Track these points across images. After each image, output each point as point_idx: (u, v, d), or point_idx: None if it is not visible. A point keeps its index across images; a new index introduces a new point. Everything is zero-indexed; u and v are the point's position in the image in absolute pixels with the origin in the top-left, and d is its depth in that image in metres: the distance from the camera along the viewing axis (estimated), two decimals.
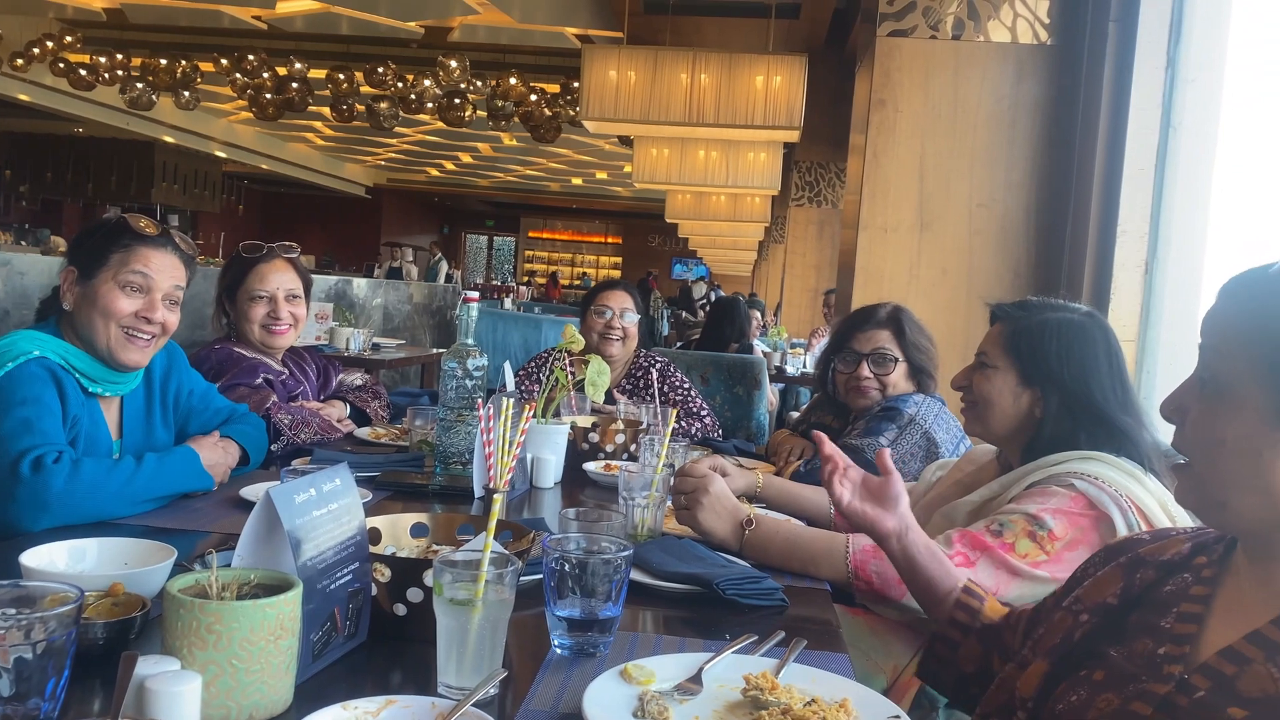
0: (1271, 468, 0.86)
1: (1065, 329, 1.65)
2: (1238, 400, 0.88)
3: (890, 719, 0.98)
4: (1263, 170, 2.92)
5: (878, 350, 2.40)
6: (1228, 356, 0.89)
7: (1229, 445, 0.89)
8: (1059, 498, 1.52)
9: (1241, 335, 0.88)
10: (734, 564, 1.53)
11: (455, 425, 1.99)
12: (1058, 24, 3.65)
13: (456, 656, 1.01)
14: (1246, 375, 0.87)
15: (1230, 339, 0.89)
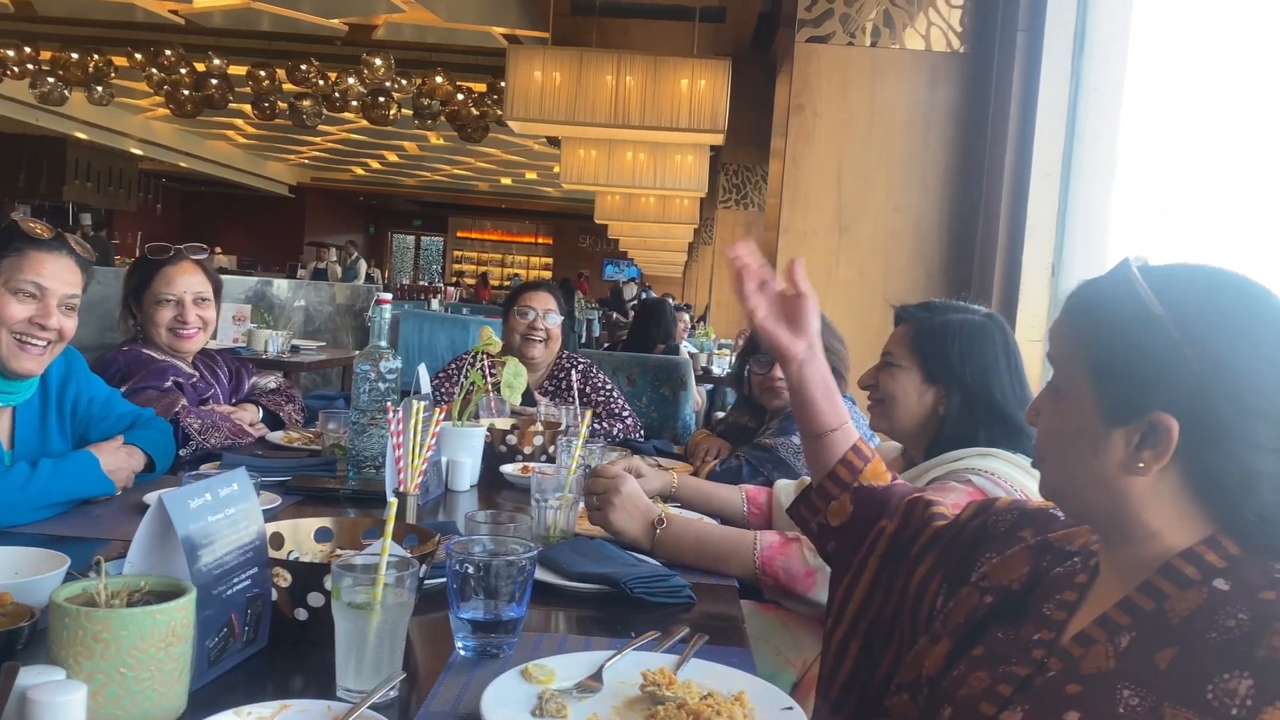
0: (1104, 461, 0.91)
1: (967, 329, 1.71)
2: (1076, 401, 0.93)
3: (784, 710, 1.01)
4: (1157, 175, 3.04)
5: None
6: (1066, 361, 0.95)
7: (1069, 441, 0.94)
8: (957, 493, 1.57)
9: (1074, 340, 0.94)
10: (644, 563, 1.55)
11: (368, 429, 1.97)
12: (970, 33, 3.75)
13: (355, 660, 1.01)
14: (1080, 377, 0.93)
15: (1067, 345, 0.95)
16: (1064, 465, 0.96)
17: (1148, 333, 0.87)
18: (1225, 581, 0.86)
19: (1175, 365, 0.86)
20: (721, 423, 2.92)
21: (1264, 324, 0.87)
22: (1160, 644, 0.85)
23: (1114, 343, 0.90)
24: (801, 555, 1.59)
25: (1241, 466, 0.86)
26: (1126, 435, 0.89)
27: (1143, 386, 0.88)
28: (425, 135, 14.05)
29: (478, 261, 25.55)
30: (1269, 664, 0.78)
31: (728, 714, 0.96)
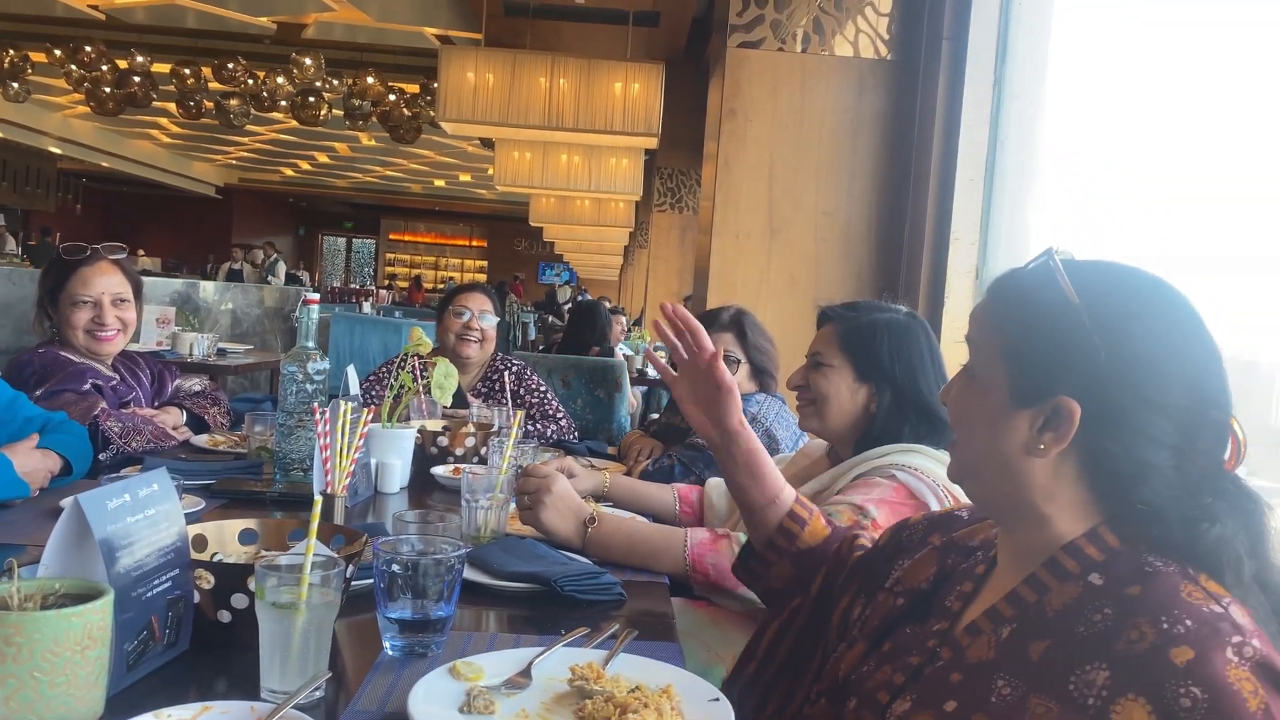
0: (1008, 441, 0.93)
1: (894, 328, 1.75)
2: (988, 381, 0.96)
3: (711, 701, 1.03)
4: (1076, 181, 3.14)
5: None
6: (983, 344, 0.97)
7: (977, 421, 0.97)
8: (882, 488, 1.61)
9: (993, 324, 0.97)
10: (575, 561, 1.55)
11: (295, 431, 1.94)
12: (897, 40, 3.83)
13: (280, 661, 1.00)
14: (995, 359, 0.95)
15: (986, 328, 0.98)
16: (971, 444, 0.98)
17: (1061, 320, 0.90)
18: (1100, 576, 0.88)
19: (1084, 352, 0.89)
20: (654, 423, 2.94)
21: (1173, 322, 0.91)
22: (1035, 636, 0.88)
23: (1029, 327, 0.93)
24: (731, 551, 1.60)
25: (1136, 457, 0.88)
26: (1031, 417, 0.92)
27: (1051, 371, 0.90)
28: (356, 136, 13.86)
29: (411, 264, 25.27)
30: (1125, 657, 0.80)
31: (655, 706, 0.97)
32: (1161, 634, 0.80)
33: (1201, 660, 0.77)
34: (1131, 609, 0.83)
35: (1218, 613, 0.80)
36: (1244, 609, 0.83)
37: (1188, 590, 0.83)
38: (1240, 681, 0.76)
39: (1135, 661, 0.80)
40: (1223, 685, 0.75)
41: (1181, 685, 0.76)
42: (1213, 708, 0.75)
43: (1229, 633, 0.78)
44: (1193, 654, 0.77)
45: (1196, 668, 0.76)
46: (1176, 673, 0.77)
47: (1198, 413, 0.89)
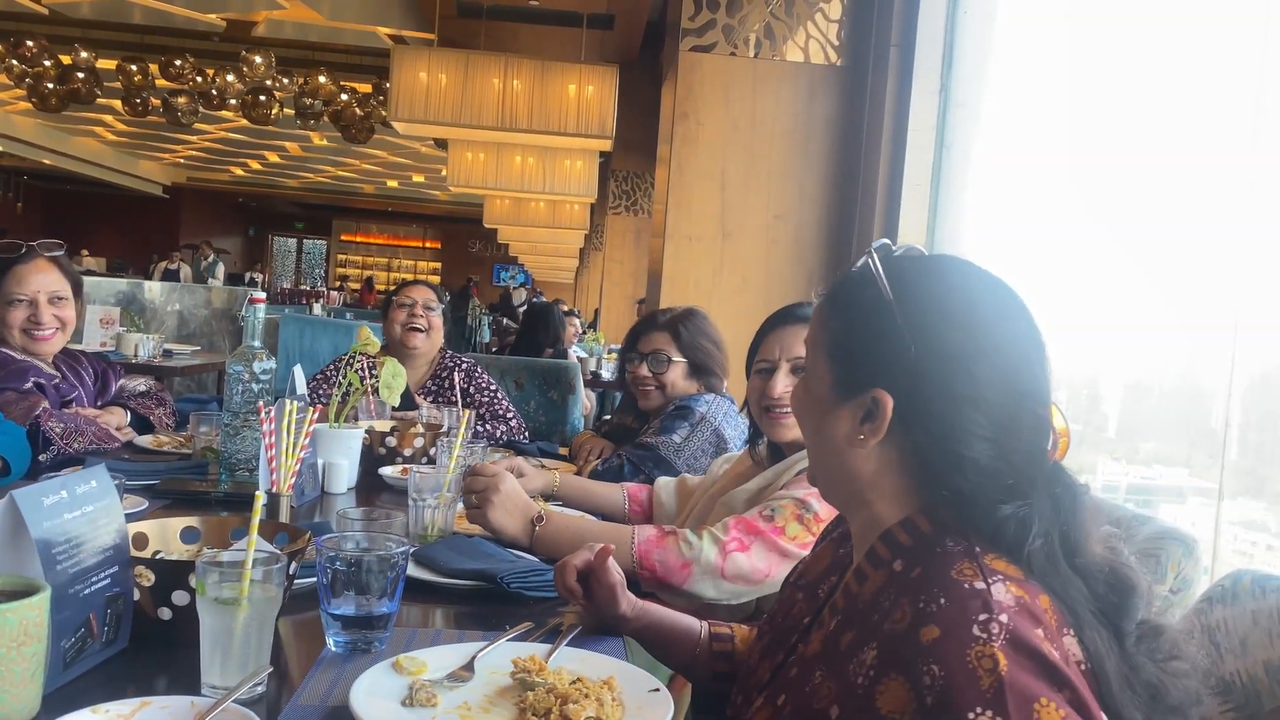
0: (835, 433, 0.96)
1: None
2: (817, 378, 0.99)
3: (651, 691, 1.04)
4: (1019, 187, 3.21)
5: (655, 352, 2.51)
6: (813, 342, 1.01)
7: (809, 416, 1.01)
8: None
9: (821, 322, 1.00)
10: (521, 559, 1.56)
11: (241, 431, 1.93)
12: (847, 47, 3.88)
13: (221, 656, 1.00)
14: (822, 356, 0.98)
15: (816, 326, 1.01)
16: (809, 439, 1.02)
17: (876, 315, 0.92)
18: (901, 562, 0.90)
19: (896, 347, 0.91)
20: (606, 424, 2.95)
21: (988, 318, 0.92)
22: (849, 627, 0.90)
23: (849, 324, 0.96)
24: (678, 548, 1.62)
25: (950, 448, 0.89)
26: (853, 410, 0.94)
27: (867, 365, 0.93)
28: (308, 136, 13.70)
29: (363, 265, 25.03)
30: (889, 636, 0.82)
31: (596, 696, 0.98)
32: (917, 613, 0.81)
33: (944, 638, 0.78)
34: (906, 589, 0.85)
35: (975, 589, 0.81)
36: (1020, 587, 0.83)
37: (959, 569, 0.83)
38: (979, 659, 0.76)
39: (896, 640, 0.81)
40: (958, 664, 0.76)
41: (924, 663, 0.78)
42: (946, 686, 0.76)
43: (976, 610, 0.79)
44: (938, 632, 0.78)
45: (938, 646, 0.78)
46: (923, 651, 0.78)
47: (1014, 406, 0.90)
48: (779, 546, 1.58)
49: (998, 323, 0.92)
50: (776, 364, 1.78)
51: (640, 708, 1.01)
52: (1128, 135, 2.52)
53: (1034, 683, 0.76)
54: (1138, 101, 2.49)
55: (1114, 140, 2.57)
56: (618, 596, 1.30)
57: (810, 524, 1.59)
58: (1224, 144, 2.17)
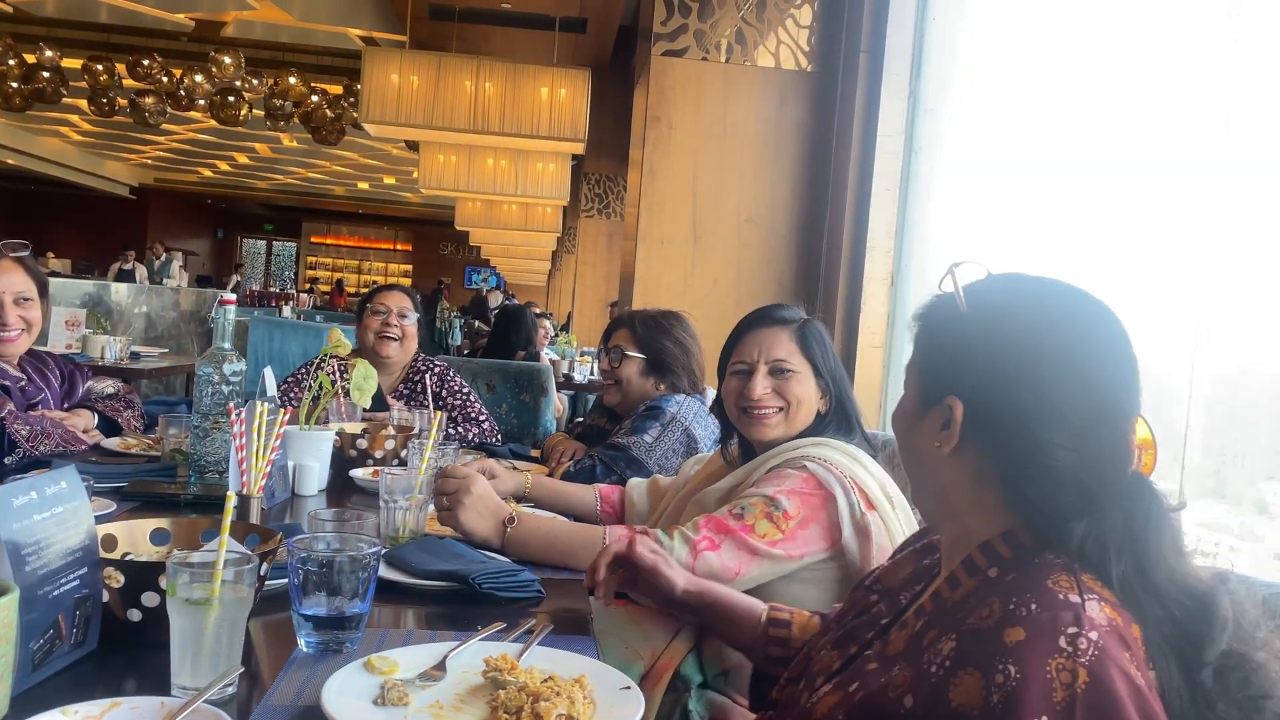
0: (919, 443, 1.02)
1: (820, 329, 1.82)
2: (907, 394, 1.05)
3: (622, 689, 1.05)
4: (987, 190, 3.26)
5: (614, 346, 2.55)
6: (908, 365, 1.06)
7: (903, 427, 1.06)
8: (792, 479, 1.65)
9: (912, 342, 1.06)
10: (493, 560, 1.57)
11: (211, 433, 1.92)
12: (817, 52, 3.92)
13: (191, 657, 1.00)
14: (911, 373, 1.05)
15: (912, 347, 1.06)
16: (903, 452, 1.07)
17: (951, 328, 0.98)
18: (997, 570, 0.92)
19: (968, 357, 0.95)
20: (578, 425, 2.96)
21: (1054, 328, 0.94)
22: (935, 627, 0.92)
23: (930, 339, 1.02)
24: (649, 548, 1.63)
25: (1023, 457, 0.91)
26: (934, 419, 0.98)
27: (942, 375, 0.98)
28: (278, 137, 13.60)
29: (333, 268, 24.85)
30: (972, 630, 0.84)
31: (567, 694, 0.99)
32: (1005, 614, 0.82)
33: (1028, 642, 0.79)
34: (997, 590, 0.87)
35: (1069, 602, 0.81)
36: (1114, 610, 0.83)
37: (1055, 579, 0.84)
38: (1057, 672, 0.77)
39: (978, 636, 0.83)
40: (1035, 671, 0.77)
41: (1001, 662, 0.79)
42: (1017, 690, 0.77)
43: (1068, 623, 0.79)
44: (1023, 635, 0.80)
45: (1020, 649, 0.79)
46: (1003, 650, 0.80)
47: (1092, 419, 0.91)
48: (749, 544, 1.60)
49: (1072, 335, 0.94)
50: (754, 365, 1.80)
51: (612, 705, 1.02)
52: (1091, 139, 2.56)
53: (1110, 707, 0.76)
54: (1102, 105, 2.54)
55: (1078, 143, 2.62)
56: (664, 574, 1.37)
57: (779, 521, 1.61)
58: (1187, 148, 2.21)
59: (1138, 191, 2.38)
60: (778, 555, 1.60)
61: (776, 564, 1.61)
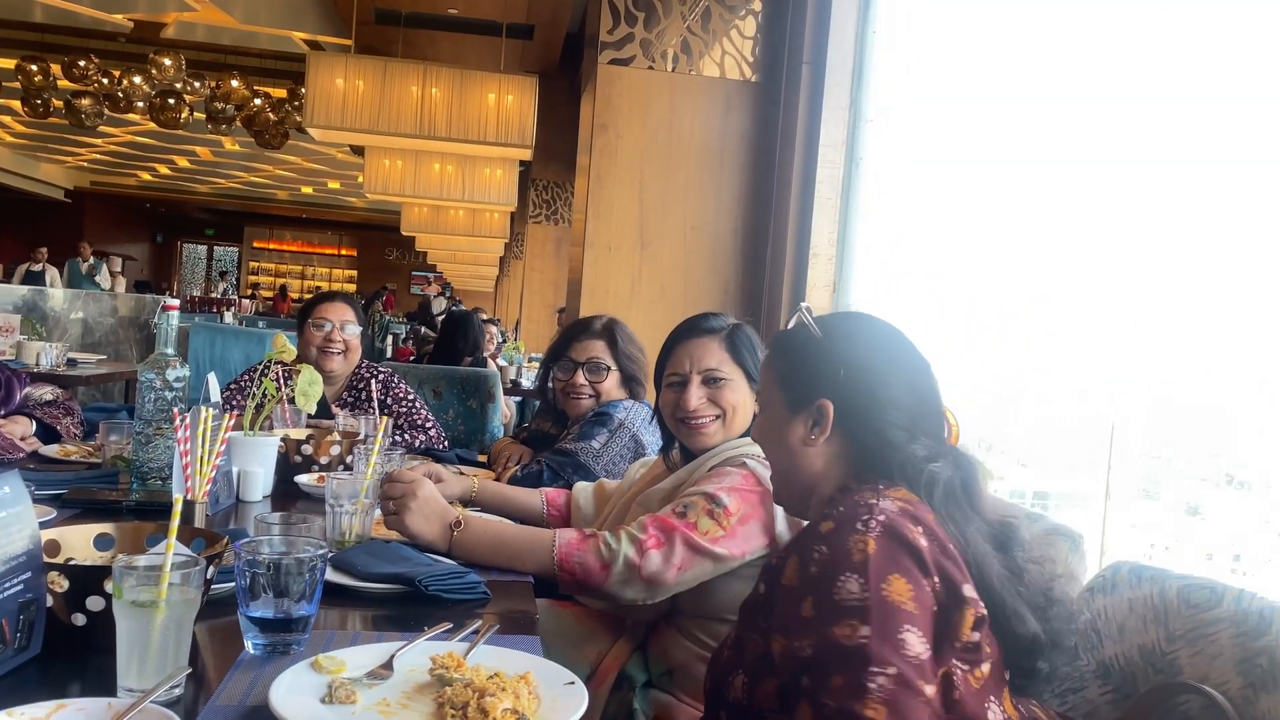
0: (791, 439, 1.30)
1: (750, 335, 1.86)
2: (771, 406, 1.34)
3: (566, 684, 1.08)
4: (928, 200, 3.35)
5: (592, 359, 2.54)
6: (764, 383, 1.37)
7: (771, 435, 1.34)
8: (732, 477, 1.70)
9: (768, 365, 1.37)
10: (440, 563, 1.58)
11: (154, 439, 1.91)
12: (761, 63, 3.98)
13: (138, 659, 1.01)
14: (773, 388, 1.34)
15: (765, 371, 1.38)
16: (774, 456, 1.36)
17: (811, 350, 1.29)
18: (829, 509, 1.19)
19: (829, 369, 1.27)
20: (525, 429, 2.98)
21: (888, 346, 1.30)
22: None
23: (791, 360, 1.32)
24: (598, 550, 1.66)
25: (878, 434, 1.23)
26: (804, 419, 1.29)
27: (810, 384, 1.29)
28: (219, 141, 13.39)
29: (276, 273, 24.47)
30: (800, 534, 1.15)
31: (512, 689, 1.02)
32: (823, 516, 1.13)
33: (834, 530, 1.08)
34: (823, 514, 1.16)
35: (866, 503, 1.12)
36: (907, 502, 1.14)
37: (860, 493, 1.17)
38: (855, 543, 1.05)
39: (802, 535, 1.14)
40: (840, 545, 1.06)
41: (816, 546, 1.08)
42: (828, 560, 1.06)
43: (863, 512, 1.09)
44: (832, 526, 1.09)
45: (830, 534, 1.08)
46: (818, 537, 1.09)
47: (918, 406, 1.26)
48: (692, 542, 1.63)
49: (896, 351, 1.30)
50: (688, 377, 1.84)
51: (556, 699, 1.05)
52: (1028, 149, 2.65)
53: (893, 562, 1.05)
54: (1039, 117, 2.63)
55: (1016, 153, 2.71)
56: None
57: (721, 518, 1.65)
58: (1117, 159, 2.30)
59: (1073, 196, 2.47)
60: (720, 554, 1.64)
61: (719, 563, 1.65)
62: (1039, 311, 2.61)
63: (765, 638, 1.14)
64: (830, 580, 1.04)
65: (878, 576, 1.03)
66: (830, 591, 1.04)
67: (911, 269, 3.38)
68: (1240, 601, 1.27)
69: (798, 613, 1.06)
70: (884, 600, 1.02)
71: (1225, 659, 1.23)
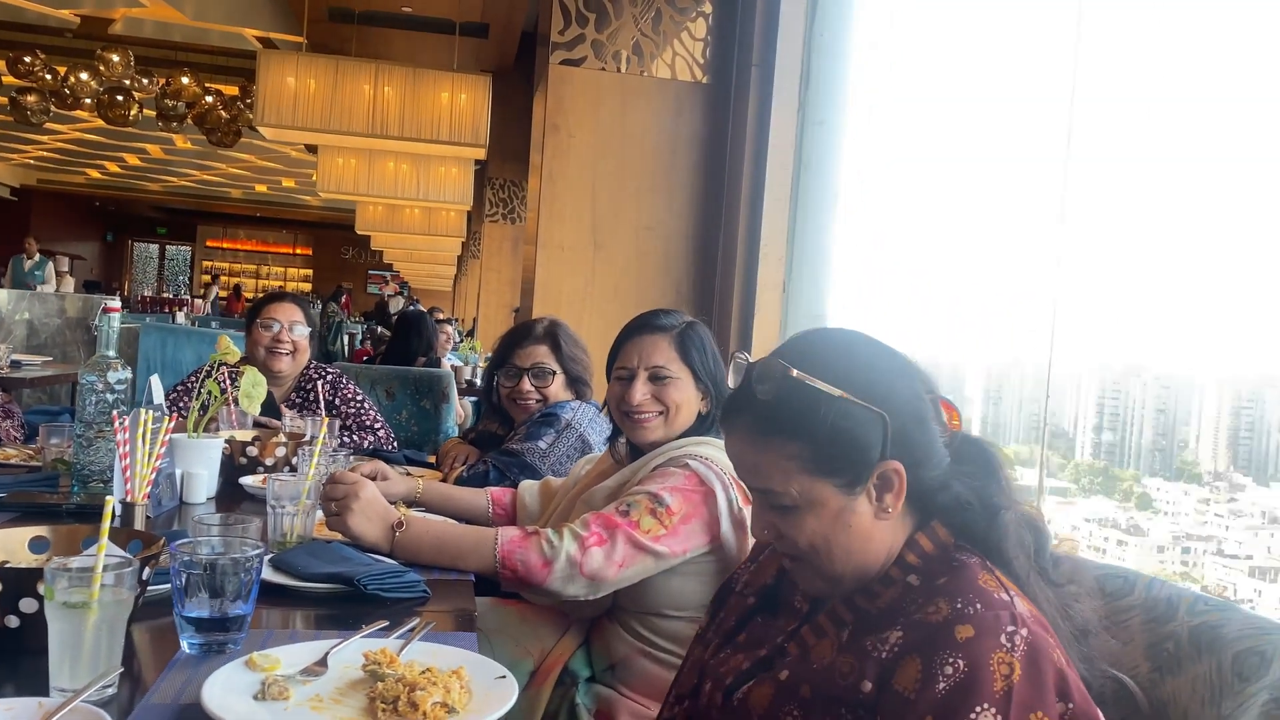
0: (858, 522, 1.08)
1: (701, 333, 1.90)
2: (813, 498, 1.07)
3: (498, 679, 1.11)
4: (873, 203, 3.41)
5: (537, 365, 2.57)
6: (781, 476, 1.07)
7: (827, 532, 1.07)
8: (675, 477, 1.73)
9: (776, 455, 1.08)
10: (380, 563, 1.60)
11: (95, 442, 1.90)
12: (712, 65, 4.02)
13: (70, 659, 1.02)
14: (805, 478, 1.07)
15: (769, 461, 1.08)
16: (833, 551, 1.08)
17: (837, 412, 1.04)
18: (916, 577, 1.06)
19: (871, 424, 1.04)
20: (472, 430, 2.99)
21: (890, 361, 1.10)
22: (868, 632, 1.04)
23: (815, 436, 1.05)
24: (540, 548, 1.68)
25: (935, 474, 1.08)
26: (867, 493, 1.07)
27: (857, 452, 1.05)
28: (170, 138, 13.19)
29: (230, 273, 24.15)
30: (919, 624, 0.97)
31: (443, 684, 1.04)
32: (955, 611, 0.96)
33: (976, 640, 0.93)
34: (938, 592, 1.00)
35: (1004, 600, 0.96)
36: (1026, 600, 0.99)
37: (984, 579, 0.99)
38: (998, 665, 0.91)
39: (928, 629, 0.96)
40: (981, 664, 0.91)
41: (952, 655, 0.92)
42: (967, 681, 0.91)
43: (1007, 622, 0.94)
44: (972, 633, 0.93)
45: (969, 645, 0.93)
46: (954, 645, 0.93)
47: (931, 404, 1.10)
48: (634, 540, 1.66)
49: (893, 358, 1.11)
50: (635, 371, 1.87)
51: (487, 692, 1.08)
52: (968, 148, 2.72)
53: (1038, 697, 0.91)
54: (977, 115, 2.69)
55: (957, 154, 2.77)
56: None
57: (663, 517, 1.68)
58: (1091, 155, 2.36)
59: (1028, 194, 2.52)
60: (661, 551, 1.67)
61: (660, 560, 1.68)
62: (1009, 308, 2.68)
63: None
64: (963, 710, 0.90)
65: (1020, 713, 0.90)
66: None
67: (864, 269, 3.45)
68: (1151, 589, 1.33)
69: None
70: None
71: (1136, 644, 1.28)
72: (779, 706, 1.05)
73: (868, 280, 3.69)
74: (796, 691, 1.05)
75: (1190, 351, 2.83)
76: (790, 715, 1.04)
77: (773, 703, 1.06)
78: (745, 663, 1.15)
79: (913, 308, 3.33)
